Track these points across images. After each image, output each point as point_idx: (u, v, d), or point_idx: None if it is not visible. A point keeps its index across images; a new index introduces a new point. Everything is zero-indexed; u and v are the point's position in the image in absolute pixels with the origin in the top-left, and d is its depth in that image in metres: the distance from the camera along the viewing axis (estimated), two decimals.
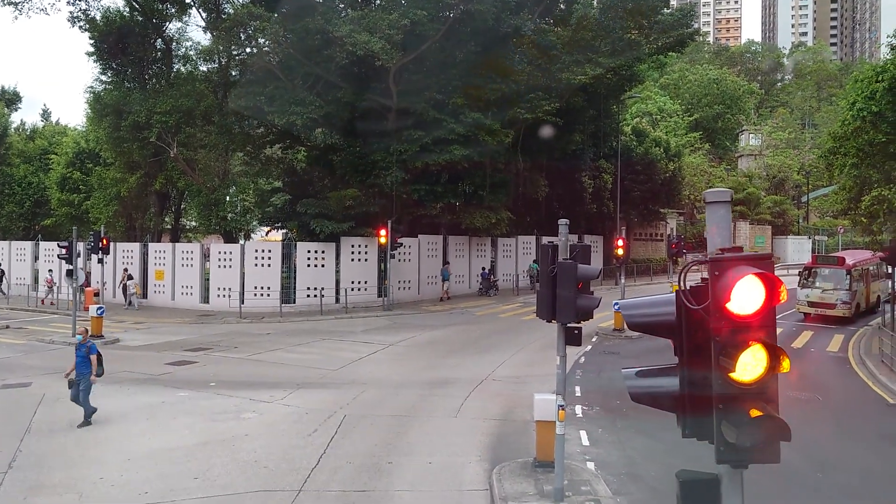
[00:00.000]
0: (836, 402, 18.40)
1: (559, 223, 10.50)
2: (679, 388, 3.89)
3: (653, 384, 4.08)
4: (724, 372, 3.46)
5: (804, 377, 21.50)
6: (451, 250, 38.99)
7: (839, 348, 25.60)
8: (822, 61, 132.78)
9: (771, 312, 3.49)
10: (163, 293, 35.87)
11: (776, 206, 62.91)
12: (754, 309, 3.41)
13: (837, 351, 25.15)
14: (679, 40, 36.75)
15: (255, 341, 25.47)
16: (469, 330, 28.31)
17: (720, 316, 3.50)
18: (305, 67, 32.26)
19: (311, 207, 33.53)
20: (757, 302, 3.38)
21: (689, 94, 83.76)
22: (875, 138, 24.53)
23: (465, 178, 36.57)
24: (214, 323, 30.43)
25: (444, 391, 17.93)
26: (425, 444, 13.54)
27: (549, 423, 11.38)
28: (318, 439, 13.64)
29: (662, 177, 49.51)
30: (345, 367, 20.82)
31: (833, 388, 19.95)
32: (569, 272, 9.86)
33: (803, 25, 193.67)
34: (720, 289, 3.46)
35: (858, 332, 28.58)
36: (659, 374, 4.13)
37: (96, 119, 39.80)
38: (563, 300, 9.94)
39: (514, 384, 18.91)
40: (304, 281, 33.43)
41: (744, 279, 3.28)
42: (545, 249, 10.41)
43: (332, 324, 29.79)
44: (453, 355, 23.05)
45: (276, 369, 20.62)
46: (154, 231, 41.03)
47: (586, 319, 10.24)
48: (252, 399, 16.76)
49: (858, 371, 21.88)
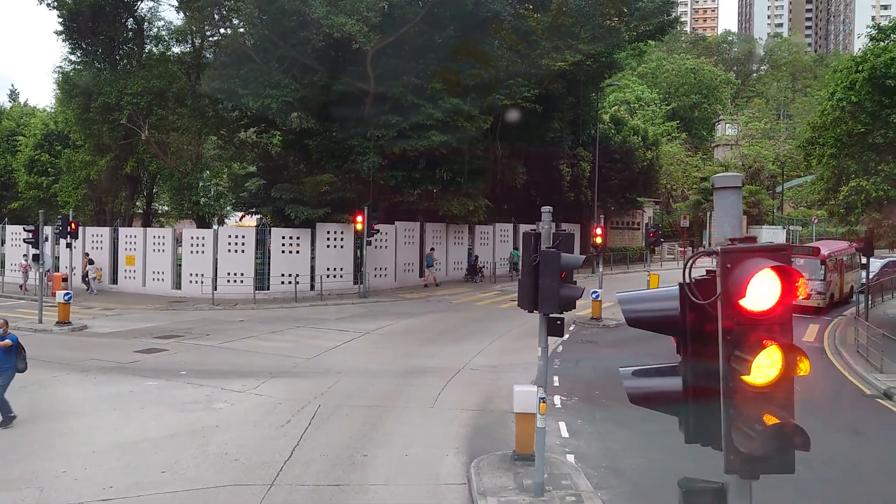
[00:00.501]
0: (814, 393, 18.32)
1: (542, 210, 10.20)
2: (682, 389, 3.58)
3: (653, 385, 3.76)
4: (736, 374, 3.14)
5: None
6: (428, 237, 38.62)
7: (815, 338, 25.66)
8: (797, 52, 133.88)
9: (788, 309, 3.18)
10: (134, 279, 35.13)
11: (751, 196, 63.13)
12: (770, 305, 3.10)
13: (813, 341, 25.19)
14: (659, 28, 36.53)
15: (227, 329, 24.96)
16: (446, 318, 28.01)
17: (732, 312, 3.18)
18: (280, 50, 31.56)
19: (286, 193, 32.93)
20: (773, 298, 3.07)
21: (666, 83, 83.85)
22: (854, 129, 24.49)
23: (442, 165, 36.16)
24: (186, 309, 29.82)
25: (420, 380, 17.62)
26: (402, 435, 13.23)
27: (529, 415, 11.11)
28: (291, 430, 13.26)
29: (640, 165, 49.45)
30: (319, 355, 20.42)
31: (810, 379, 19.89)
32: (552, 261, 9.56)
33: (779, 17, 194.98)
34: (733, 283, 3.14)
35: (833, 322, 28.71)
36: (659, 373, 3.81)
37: (65, 100, 38.74)
38: (546, 290, 9.64)
39: (491, 373, 18.65)
40: (279, 267, 32.89)
41: (760, 273, 2.96)
42: (527, 237, 10.10)
43: (306, 311, 29.33)
44: (430, 344, 22.75)
45: (248, 357, 20.17)
46: (125, 215, 40.13)
47: (569, 310, 9.97)
48: (223, 388, 16.32)
49: (834, 361, 21.91)
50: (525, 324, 26.24)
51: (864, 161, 25.17)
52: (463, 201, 36.63)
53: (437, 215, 37.77)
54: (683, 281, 3.52)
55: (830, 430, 14.83)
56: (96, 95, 34.46)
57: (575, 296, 9.68)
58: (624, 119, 52.37)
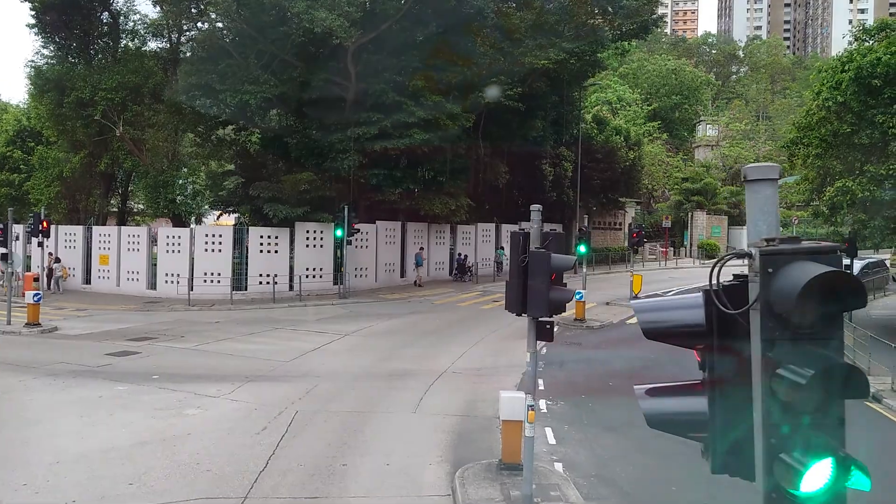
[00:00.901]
0: None
1: (531, 209, 9.71)
2: (709, 412, 3.11)
3: (675, 407, 3.29)
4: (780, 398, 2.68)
5: None
6: (409, 237, 38.09)
7: None
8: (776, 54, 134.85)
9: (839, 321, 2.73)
10: (108, 279, 34.29)
11: (732, 197, 63.28)
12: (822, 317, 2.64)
13: None
14: (643, 26, 36.24)
15: (203, 330, 24.29)
16: (428, 319, 27.51)
17: (776, 325, 2.72)
18: (259, 45, 30.89)
19: (264, 191, 32.25)
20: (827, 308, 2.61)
21: (647, 83, 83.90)
22: (840, 129, 24.33)
23: (424, 164, 35.67)
24: (161, 310, 29.09)
25: (402, 384, 17.11)
26: (382, 442, 12.72)
27: (516, 422, 10.67)
28: (267, 438, 12.71)
29: (622, 165, 49.22)
30: (297, 358, 19.84)
31: None
32: (541, 262, 9.09)
33: (758, 19, 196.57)
34: (778, 290, 2.67)
35: None
36: (680, 392, 3.34)
37: (38, 95, 37.72)
38: (535, 292, 9.18)
39: (475, 377, 18.18)
40: (257, 267, 32.21)
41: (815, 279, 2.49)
42: (515, 237, 9.64)
43: (285, 312, 28.69)
44: (412, 346, 22.24)
45: (224, 360, 19.55)
46: (99, 214, 39.19)
47: (559, 313, 9.51)
48: (197, 394, 15.72)
49: None
50: (508, 325, 25.82)
51: (850, 161, 25.03)
52: (445, 201, 36.14)
53: (419, 215, 37.26)
54: (710, 286, 3.05)
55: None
56: (69, 91, 33.60)
57: (565, 299, 9.24)
58: (606, 119, 52.15)
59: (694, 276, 46.10)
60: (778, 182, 2.98)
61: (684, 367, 13.18)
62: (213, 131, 38.08)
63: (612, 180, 49.03)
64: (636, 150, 50.87)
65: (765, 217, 2.95)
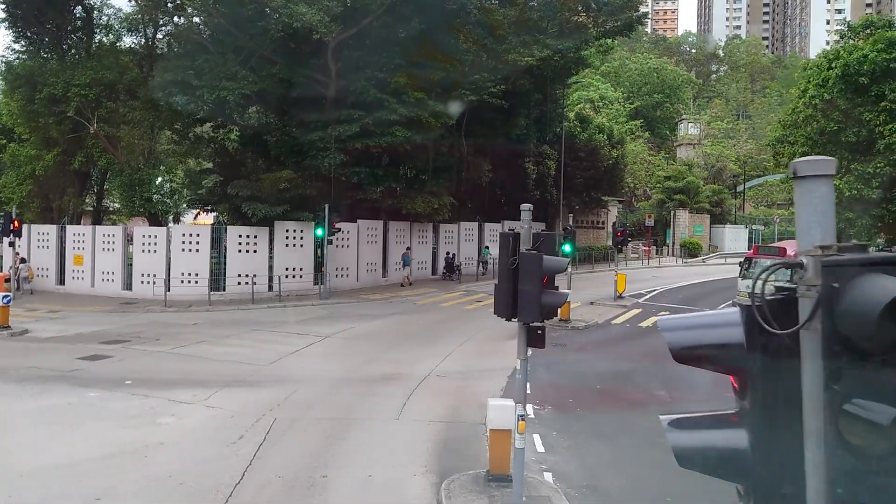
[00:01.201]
0: None
1: (521, 208, 9.26)
2: (750, 449, 2.64)
3: (708, 442, 2.81)
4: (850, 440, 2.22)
5: None
6: (391, 236, 37.54)
7: None
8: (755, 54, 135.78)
9: None
10: (82, 279, 33.43)
11: (714, 196, 63.29)
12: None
13: None
14: (627, 24, 35.92)
15: (179, 332, 23.60)
16: (411, 320, 27.01)
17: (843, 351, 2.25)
18: (237, 40, 30.19)
19: (242, 189, 31.56)
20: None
21: (629, 82, 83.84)
22: (826, 127, 24.16)
23: (406, 162, 35.15)
24: (137, 312, 28.35)
25: (384, 389, 16.60)
26: (364, 452, 12.21)
27: (504, 432, 10.22)
28: (243, 448, 12.15)
29: (605, 163, 48.95)
30: (276, 361, 19.26)
31: None
32: (533, 265, 8.63)
33: (737, 19, 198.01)
34: (849, 309, 2.21)
35: None
36: (715, 425, 2.87)
37: (9, 91, 36.75)
38: (526, 296, 8.71)
39: (459, 380, 17.71)
40: (235, 267, 31.51)
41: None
42: (505, 238, 9.17)
43: (264, 313, 28.05)
44: (394, 348, 21.72)
45: (200, 365, 18.92)
46: (73, 213, 38.22)
47: (551, 318, 9.07)
48: (171, 400, 15.10)
49: None
50: (492, 326, 25.36)
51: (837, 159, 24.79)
52: (427, 199, 35.64)
53: (401, 214, 36.73)
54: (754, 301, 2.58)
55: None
56: (42, 86, 32.67)
57: (558, 303, 8.79)
58: (589, 117, 51.85)
59: (678, 274, 45.99)
60: (832, 179, 2.51)
61: (671, 372, 12.97)
62: (190, 129, 37.30)
63: (595, 179, 48.75)
64: (619, 148, 50.62)
65: (820, 220, 2.49)
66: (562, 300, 8.80)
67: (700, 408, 3.12)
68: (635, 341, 24.34)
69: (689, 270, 49.15)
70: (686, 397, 16.94)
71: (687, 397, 16.95)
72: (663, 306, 31.73)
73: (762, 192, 78.04)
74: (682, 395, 17.19)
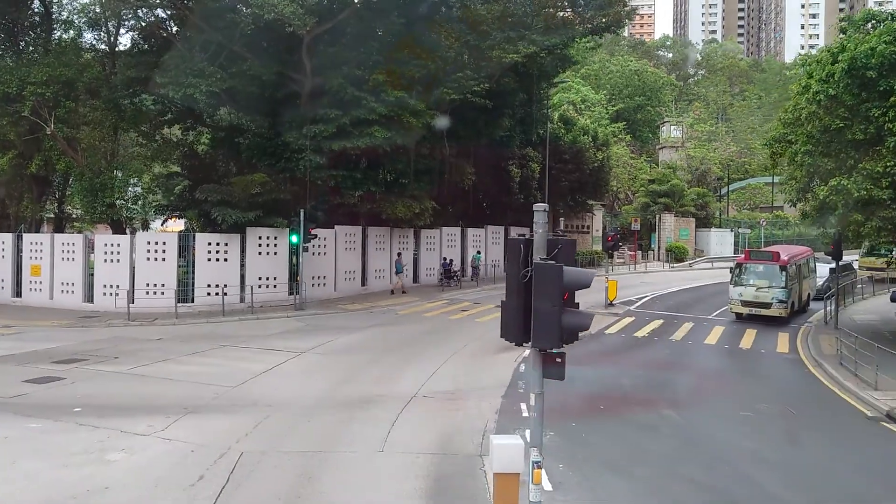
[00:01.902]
0: (812, 416, 16.35)
1: (535, 209, 7.66)
2: None
3: None
4: None
5: (767, 384, 19.54)
6: (370, 242, 35.72)
7: (788, 349, 23.99)
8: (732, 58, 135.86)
9: None
10: (40, 291, 31.29)
11: (700, 198, 62.20)
12: None
13: (788, 352, 23.53)
14: (615, 20, 34.48)
15: (141, 349, 21.67)
16: (392, 332, 25.28)
17: None
18: (205, 34, 28.30)
19: (211, 194, 29.60)
20: None
21: (610, 84, 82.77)
22: (831, 124, 22.75)
23: (386, 164, 33.44)
24: (97, 326, 26.32)
25: (366, 413, 14.89)
26: (345, 493, 10.54)
27: (512, 476, 8.58)
28: (203, 492, 10.42)
29: (591, 166, 47.47)
30: (246, 382, 17.45)
31: (801, 398, 17.98)
32: (551, 278, 7.01)
33: (713, 24, 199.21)
34: None
35: (802, 330, 27.21)
36: None
37: None
38: (543, 316, 7.10)
39: (449, 402, 16.05)
40: (205, 277, 29.54)
41: None
42: (514, 246, 7.54)
43: (234, 327, 26.14)
44: (376, 364, 19.99)
45: (161, 387, 17.06)
46: (32, 220, 36.05)
47: (572, 342, 7.43)
48: (123, 431, 13.28)
49: (818, 376, 20.19)
50: (480, 338, 23.77)
51: (842, 159, 23.49)
52: (408, 203, 33.91)
53: (381, 219, 34.95)
54: None
55: (849, 464, 12.70)
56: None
57: (583, 325, 7.18)
58: (573, 119, 50.45)
59: (666, 280, 44.67)
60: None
61: (676, 385, 11.30)
62: (158, 130, 35.28)
63: (580, 182, 47.27)
64: (604, 150, 49.21)
65: None
66: (587, 322, 7.18)
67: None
68: (633, 352, 22.86)
69: (676, 275, 47.86)
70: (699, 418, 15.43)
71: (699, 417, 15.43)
72: (656, 314, 30.34)
73: (744, 196, 77.27)
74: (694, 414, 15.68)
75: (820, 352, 23.06)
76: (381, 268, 36.43)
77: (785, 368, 21.45)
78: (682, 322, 28.46)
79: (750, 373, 20.83)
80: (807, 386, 19.32)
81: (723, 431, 14.66)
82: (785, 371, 21.15)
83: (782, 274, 28.19)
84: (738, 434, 14.37)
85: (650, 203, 59.82)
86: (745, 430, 14.70)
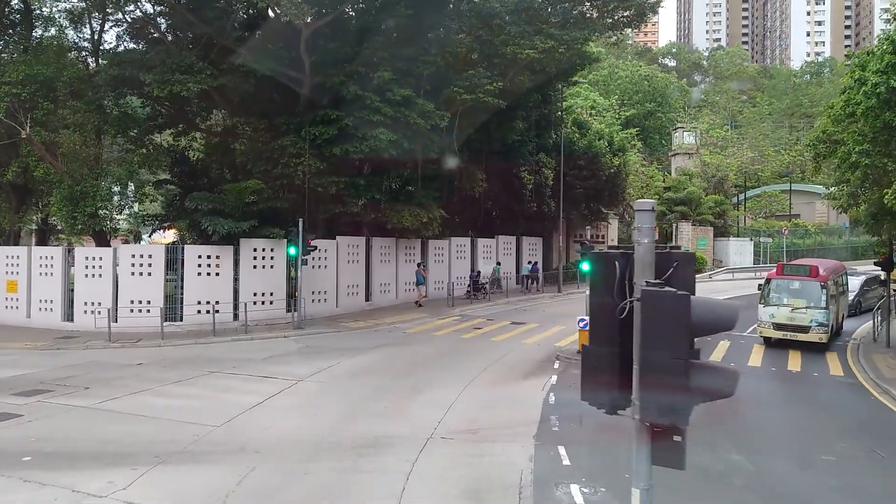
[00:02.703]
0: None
1: (635, 206, 5.08)
2: None
3: None
4: None
5: (835, 417, 16.94)
6: (375, 254, 33.19)
7: (843, 372, 21.39)
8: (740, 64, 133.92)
9: None
10: (16, 309, 28.79)
11: (717, 207, 59.58)
12: None
13: (843, 375, 20.97)
14: (639, 13, 32.02)
15: (118, 377, 19.10)
16: (400, 354, 22.70)
17: None
18: (194, 27, 25.89)
19: (202, 202, 27.15)
20: None
21: (619, 90, 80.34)
22: (893, 120, 20.22)
23: (391, 170, 31.01)
24: (75, 348, 23.81)
25: (374, 461, 12.32)
26: None
27: None
28: None
29: (607, 172, 44.95)
30: (233, 419, 14.86)
31: (881, 434, 15.43)
32: (673, 314, 4.45)
33: (717, 31, 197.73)
34: None
35: (850, 349, 24.62)
36: None
37: None
38: (658, 374, 4.53)
39: (471, 444, 13.47)
40: (194, 293, 26.99)
41: None
42: (608, 262, 4.99)
43: (225, 348, 23.54)
44: (384, 395, 17.39)
45: (132, 426, 14.48)
46: (10, 232, 33.56)
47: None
48: (75, 491, 10.72)
49: (888, 404, 17.71)
50: (498, 361, 21.26)
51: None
52: (415, 212, 31.38)
53: (386, 229, 32.43)
54: None
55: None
56: None
57: (725, 390, 4.58)
58: (588, 123, 47.94)
59: None
60: None
61: (730, 422, 8.35)
62: (148, 135, 32.83)
63: (596, 189, 44.73)
64: (620, 156, 46.66)
65: None
66: (731, 385, 4.57)
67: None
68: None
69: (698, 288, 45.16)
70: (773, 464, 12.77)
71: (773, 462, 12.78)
72: None
73: (760, 203, 74.74)
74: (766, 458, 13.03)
75: (880, 375, 20.58)
76: (386, 281, 33.91)
77: (846, 395, 18.89)
78: (716, 340, 25.79)
79: (810, 401, 18.28)
80: (879, 417, 16.79)
81: (806, 481, 12.10)
82: (847, 399, 18.59)
83: (822, 292, 23.78)
84: (826, 487, 11.81)
85: (666, 211, 57.24)
86: (833, 480, 12.12)
